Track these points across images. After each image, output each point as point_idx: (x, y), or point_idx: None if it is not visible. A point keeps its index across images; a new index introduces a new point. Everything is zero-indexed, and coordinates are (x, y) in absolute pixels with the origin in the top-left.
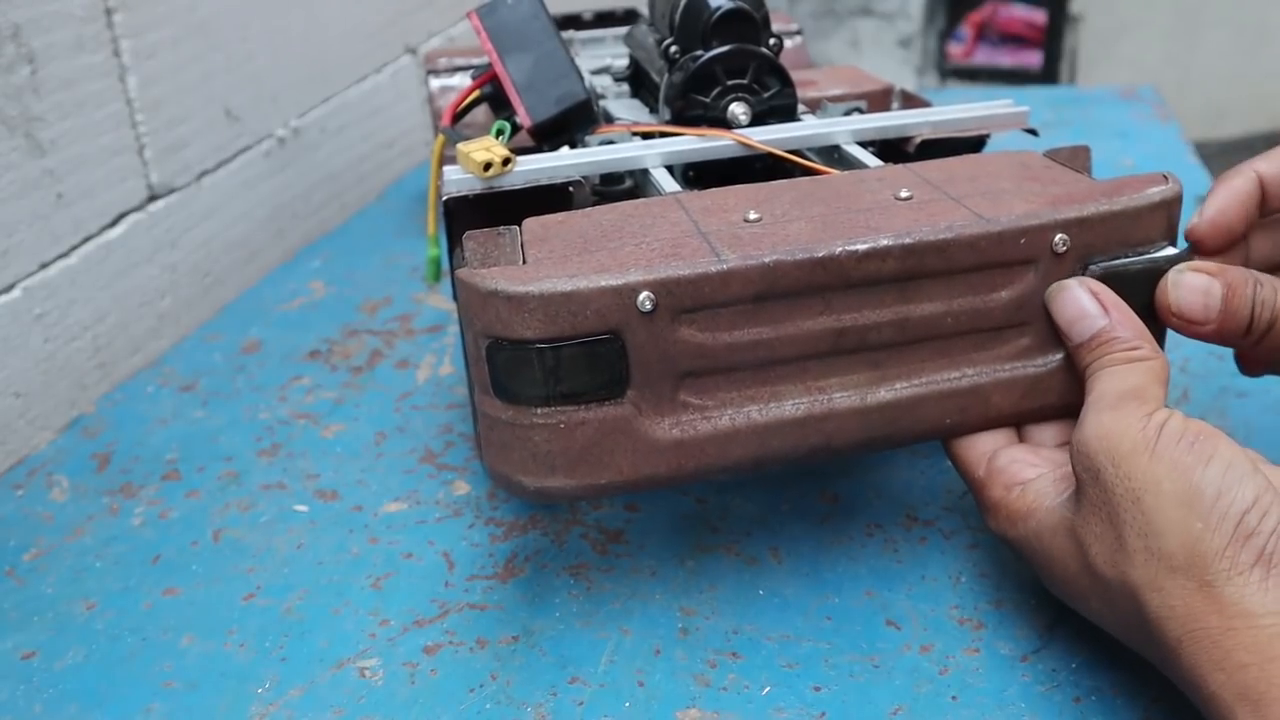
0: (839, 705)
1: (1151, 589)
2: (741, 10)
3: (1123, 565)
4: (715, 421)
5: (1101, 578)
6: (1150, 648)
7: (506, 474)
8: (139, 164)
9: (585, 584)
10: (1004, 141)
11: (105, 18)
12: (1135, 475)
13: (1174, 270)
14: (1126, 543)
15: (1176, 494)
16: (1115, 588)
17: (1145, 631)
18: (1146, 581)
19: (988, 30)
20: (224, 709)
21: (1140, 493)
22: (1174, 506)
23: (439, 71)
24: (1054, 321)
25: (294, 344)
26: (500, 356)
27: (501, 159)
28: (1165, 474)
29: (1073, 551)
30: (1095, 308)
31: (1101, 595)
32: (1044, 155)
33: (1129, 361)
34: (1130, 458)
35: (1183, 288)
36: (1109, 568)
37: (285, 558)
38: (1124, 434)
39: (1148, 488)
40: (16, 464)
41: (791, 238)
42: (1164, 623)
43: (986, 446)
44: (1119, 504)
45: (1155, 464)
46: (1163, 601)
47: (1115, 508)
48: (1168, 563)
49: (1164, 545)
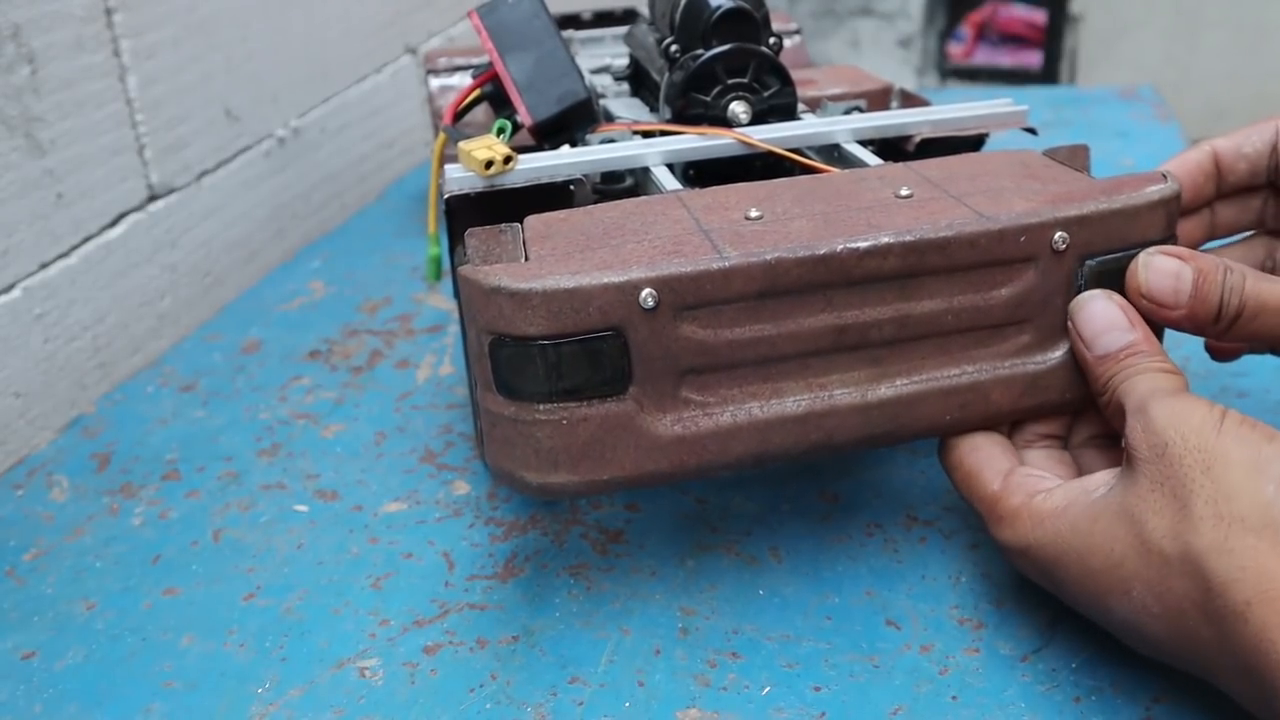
0: (839, 705)
1: (1220, 552)
2: (742, 9)
3: (1186, 535)
4: (717, 418)
5: (1157, 553)
6: (1204, 627)
7: (509, 470)
8: (139, 164)
9: (585, 584)
10: (1003, 141)
11: (105, 18)
12: (1205, 448)
13: (1145, 253)
14: (1193, 511)
15: (1246, 462)
16: (1172, 562)
17: (1203, 605)
18: (1214, 546)
19: (988, 30)
20: (224, 709)
21: (1210, 462)
22: (1245, 473)
23: (439, 71)
24: (1077, 331)
25: (294, 344)
26: (503, 353)
27: (503, 157)
28: (1233, 446)
29: (1120, 534)
30: (1124, 321)
31: (1149, 579)
32: (1043, 154)
33: (1163, 372)
34: (1199, 432)
35: (1153, 270)
36: (1169, 540)
37: (285, 558)
38: (1192, 412)
39: (1217, 457)
40: (16, 464)
41: (793, 235)
42: (1232, 586)
43: (1001, 465)
44: (1187, 474)
45: (1223, 438)
46: (1232, 564)
47: (1182, 479)
48: (1240, 525)
49: (1235, 508)
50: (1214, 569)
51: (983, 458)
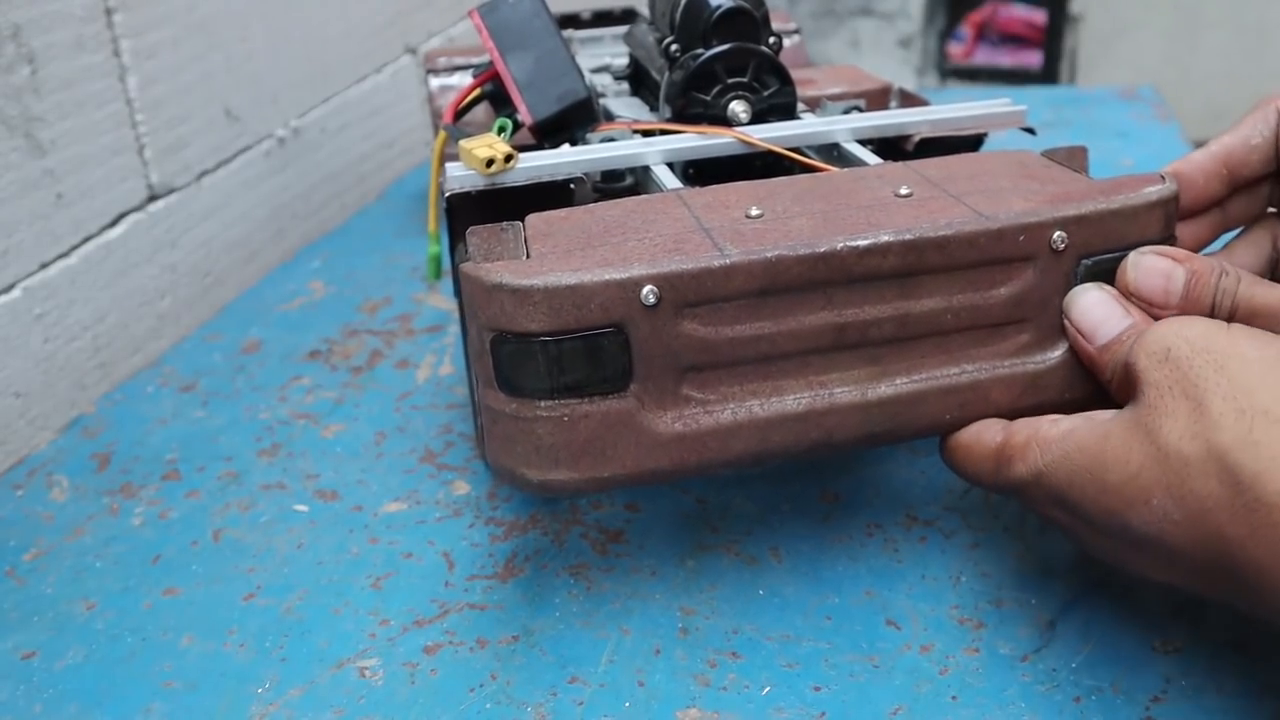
0: (839, 705)
1: (1245, 445)
2: (742, 9)
3: (1206, 433)
4: (717, 416)
5: (1176, 457)
6: (1232, 526)
7: (510, 467)
8: (139, 164)
9: (585, 584)
10: (1002, 141)
11: (105, 18)
12: (1215, 348)
13: (1135, 252)
14: (1211, 408)
15: (1263, 358)
16: (1195, 462)
17: (1229, 503)
18: (1239, 439)
19: (988, 30)
20: (224, 709)
21: (1224, 359)
22: (1263, 367)
23: (439, 71)
24: (1076, 328)
25: (294, 344)
26: (504, 350)
27: (504, 155)
28: (1247, 343)
29: (1135, 445)
30: (1118, 308)
31: (1169, 484)
32: (1042, 154)
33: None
34: (1206, 335)
35: (1141, 269)
36: (1188, 440)
37: (285, 558)
38: (1193, 323)
39: (1231, 355)
40: (16, 464)
41: (793, 233)
42: (1262, 477)
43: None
44: (1199, 374)
45: (1234, 336)
46: (1260, 455)
47: (1195, 379)
48: (1264, 416)
49: (1258, 400)
50: (1241, 462)
51: (976, 429)
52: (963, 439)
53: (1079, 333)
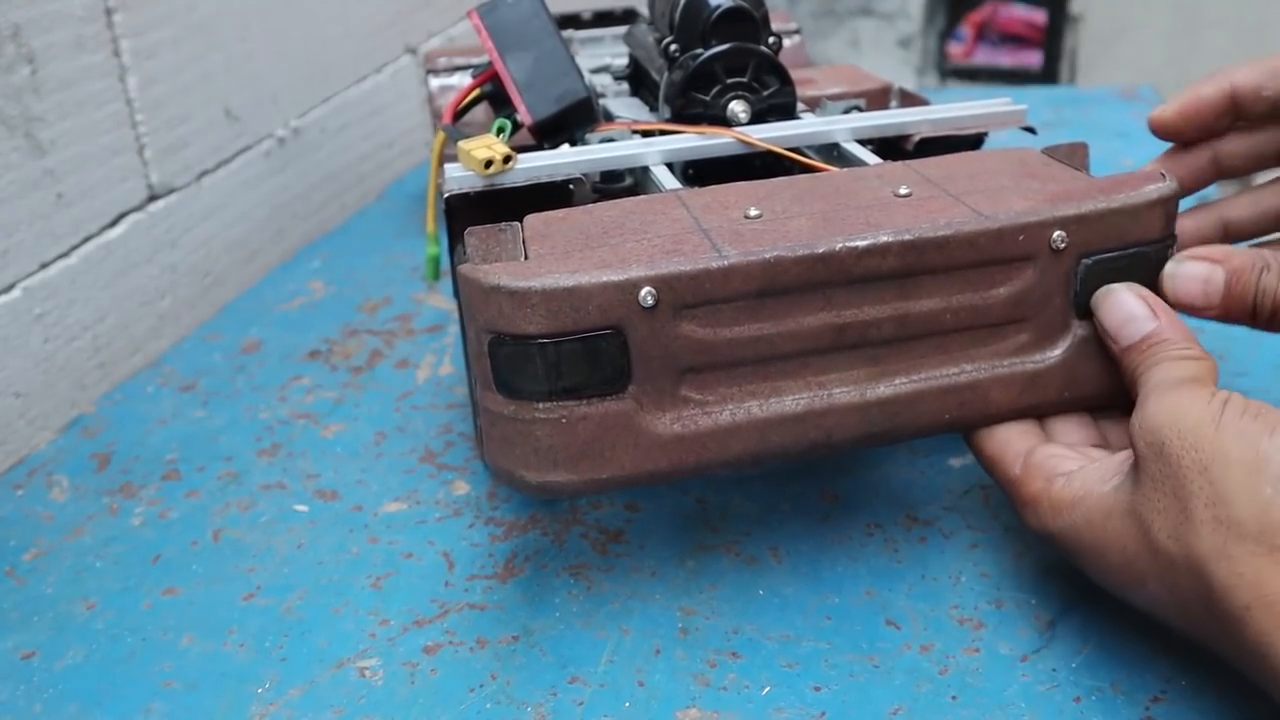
0: (839, 705)
1: (1219, 558)
2: (741, 9)
3: (1188, 538)
4: (716, 417)
5: (1164, 554)
6: (1212, 624)
7: (508, 469)
8: (139, 164)
9: (585, 584)
10: (1002, 140)
11: (105, 18)
12: (1202, 447)
13: (1173, 260)
14: (1193, 514)
15: (1245, 462)
16: (1179, 563)
17: (1208, 607)
18: (1214, 550)
19: (988, 30)
20: (224, 709)
21: (1208, 463)
22: (1243, 474)
23: (439, 71)
24: (1102, 325)
25: (294, 344)
26: (502, 351)
27: (502, 156)
28: (1232, 444)
29: (1131, 533)
30: (1145, 310)
31: (1160, 575)
32: (1042, 153)
33: (1183, 359)
34: (1196, 430)
35: (1179, 278)
36: (1173, 542)
37: (285, 558)
38: (1189, 409)
39: (1215, 458)
40: (16, 464)
41: (792, 234)
42: (1231, 591)
43: (1020, 446)
44: (1185, 476)
45: (1222, 435)
46: (1231, 569)
47: (1181, 480)
48: (1237, 530)
49: (1233, 513)
50: (1214, 573)
51: (1001, 441)
52: (986, 448)
53: (1105, 331)
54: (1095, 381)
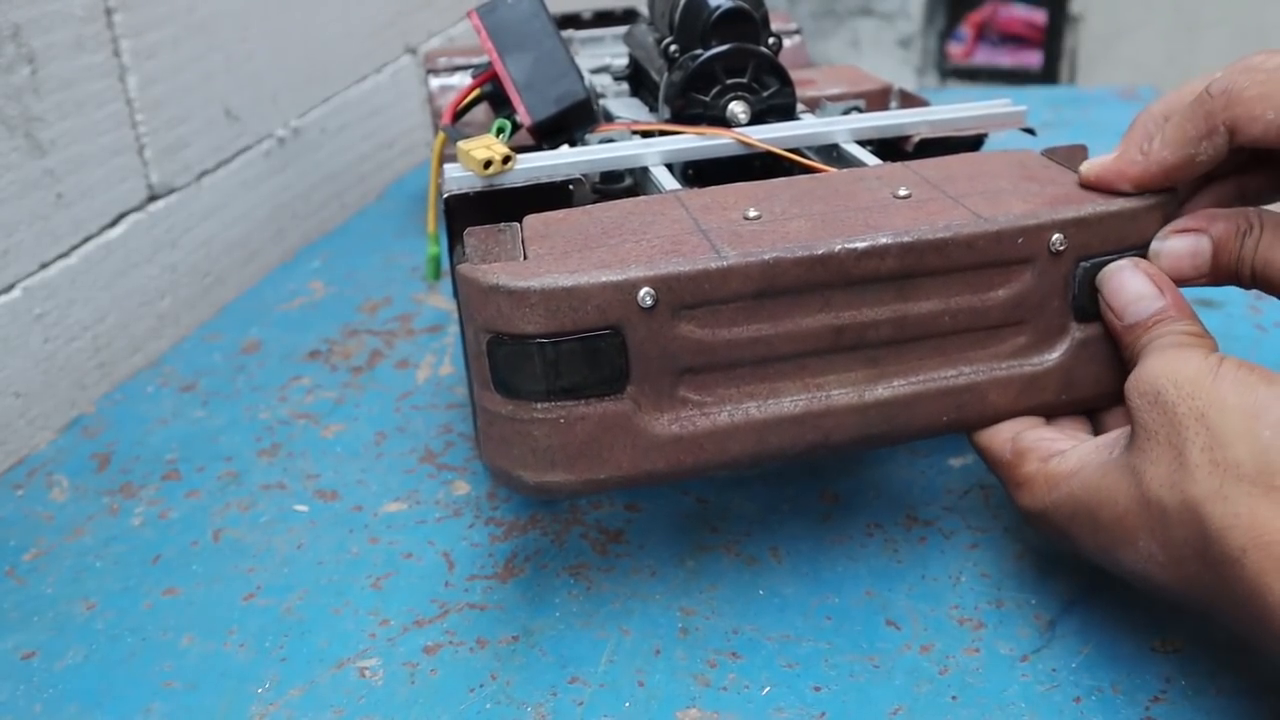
0: (839, 705)
1: (1216, 499)
2: (741, 9)
3: (1183, 484)
4: (714, 417)
5: (1156, 504)
6: (1206, 572)
7: (506, 469)
8: (139, 164)
9: (585, 584)
10: (1002, 141)
11: (105, 18)
12: (1200, 394)
13: (1157, 239)
14: (1189, 459)
15: (1243, 407)
16: (1171, 512)
17: (1203, 553)
18: (1210, 493)
19: (988, 30)
20: (224, 709)
21: (1205, 408)
22: (1240, 418)
23: (439, 71)
24: (1107, 302)
25: (294, 344)
26: (501, 351)
27: (502, 157)
28: (1230, 391)
29: (1123, 487)
30: (1152, 289)
31: (1152, 528)
32: (1041, 154)
33: (1190, 335)
34: (1195, 380)
35: (1165, 256)
36: (1167, 489)
37: (285, 558)
38: (1187, 361)
39: (1213, 403)
40: (16, 464)
41: (791, 235)
42: (1228, 533)
43: (1008, 430)
44: (1182, 422)
45: (1220, 383)
46: (1227, 510)
47: (1178, 426)
48: (1234, 472)
49: (1230, 455)
50: (1210, 516)
51: (990, 430)
52: (980, 439)
53: (1109, 308)
54: (1093, 384)
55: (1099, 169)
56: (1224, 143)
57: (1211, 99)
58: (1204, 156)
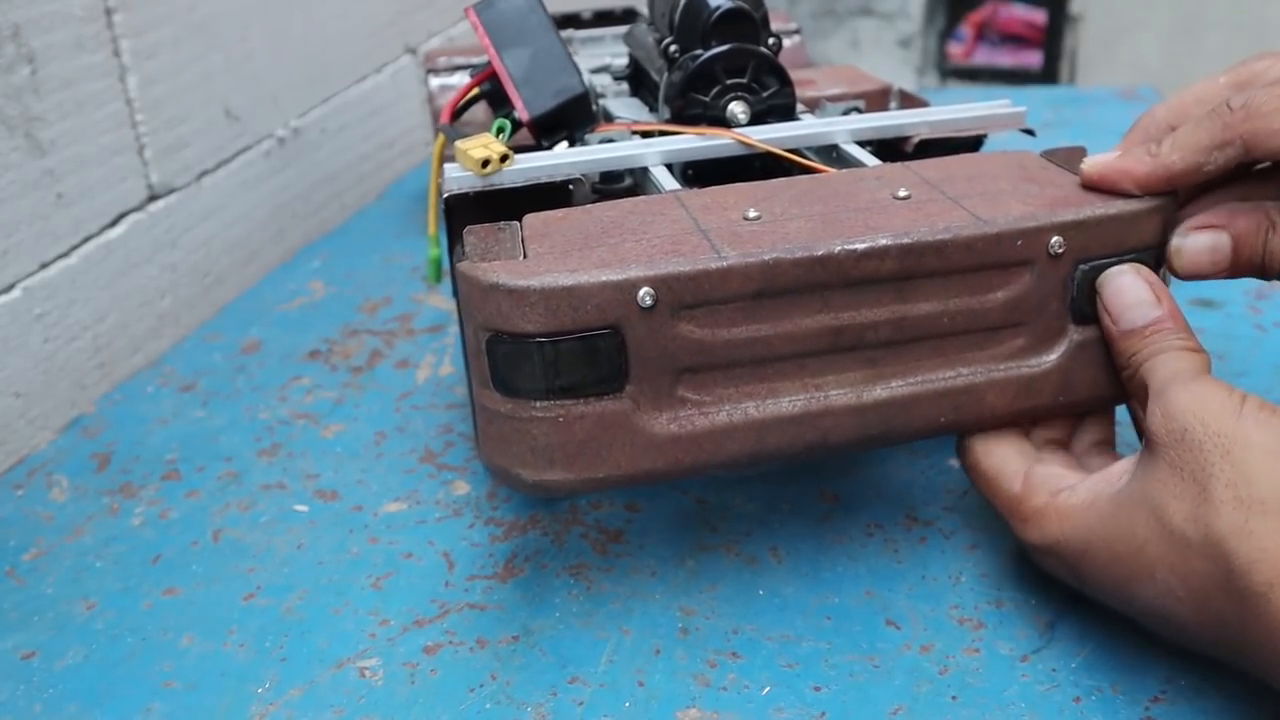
0: (839, 705)
1: (1240, 535)
2: (741, 10)
3: (1207, 518)
4: (712, 417)
5: (1179, 537)
6: (1229, 608)
7: (505, 467)
8: (139, 164)
9: (585, 584)
10: (1002, 141)
11: (105, 18)
12: (1225, 432)
13: (1177, 236)
14: (1213, 494)
15: (1266, 445)
16: (1195, 545)
17: (1226, 588)
18: (1235, 529)
19: (988, 30)
20: (224, 709)
21: (1230, 445)
22: (1264, 456)
23: (439, 71)
24: (1104, 306)
25: (294, 344)
26: (500, 350)
27: (499, 156)
28: (1254, 430)
29: (1142, 520)
30: (1150, 297)
31: (1172, 562)
32: (1041, 155)
33: (1187, 351)
34: (1220, 417)
35: (1186, 253)
36: (1191, 523)
37: (285, 558)
38: (1212, 397)
39: (1237, 441)
40: (16, 464)
41: (791, 236)
42: (1253, 568)
43: (1018, 465)
44: (1207, 458)
45: (1243, 422)
46: (1253, 545)
47: (1202, 463)
48: (1260, 508)
49: (1255, 491)
50: (1235, 551)
51: (998, 460)
52: (982, 466)
53: (1106, 311)
54: (1090, 386)
55: (1102, 167)
56: (1236, 155)
57: (1230, 112)
58: (1212, 166)
